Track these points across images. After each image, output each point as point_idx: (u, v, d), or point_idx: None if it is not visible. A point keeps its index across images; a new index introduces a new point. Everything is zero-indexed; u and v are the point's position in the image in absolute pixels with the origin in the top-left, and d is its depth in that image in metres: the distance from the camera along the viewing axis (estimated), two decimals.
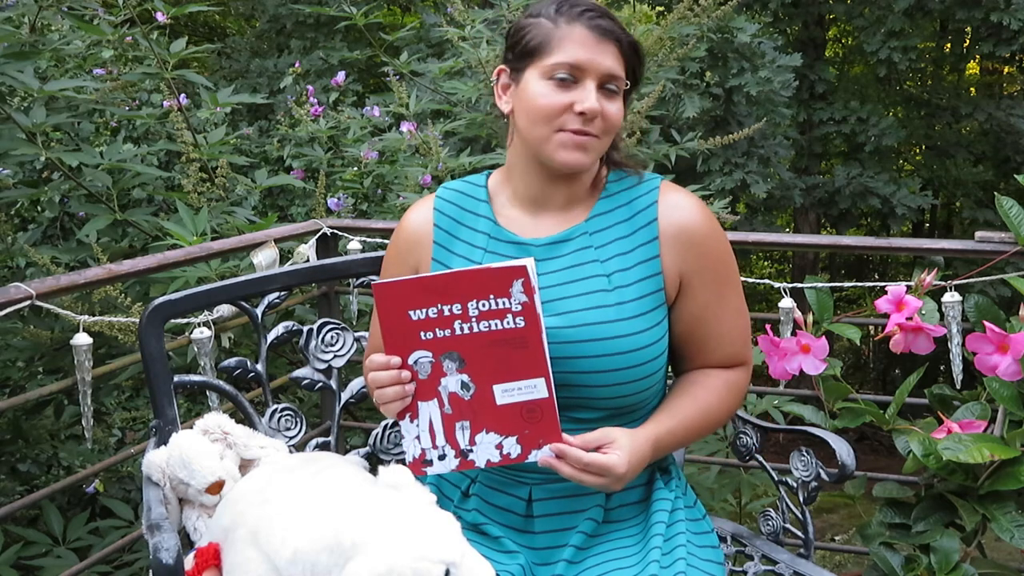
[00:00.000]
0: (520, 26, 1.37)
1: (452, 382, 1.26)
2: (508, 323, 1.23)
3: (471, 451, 1.26)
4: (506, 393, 1.24)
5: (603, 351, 1.31)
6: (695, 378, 1.42)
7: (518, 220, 1.42)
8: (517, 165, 1.42)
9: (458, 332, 1.24)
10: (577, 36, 1.31)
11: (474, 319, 1.23)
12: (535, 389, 1.23)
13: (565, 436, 1.24)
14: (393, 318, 1.25)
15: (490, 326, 1.23)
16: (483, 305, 1.23)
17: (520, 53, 1.35)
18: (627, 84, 1.35)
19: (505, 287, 1.22)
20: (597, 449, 1.25)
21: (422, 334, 1.25)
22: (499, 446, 1.25)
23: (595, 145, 1.33)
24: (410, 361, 1.26)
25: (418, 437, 1.28)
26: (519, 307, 1.22)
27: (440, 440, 1.27)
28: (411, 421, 1.28)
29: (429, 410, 1.27)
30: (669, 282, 1.37)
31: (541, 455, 1.24)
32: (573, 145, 1.32)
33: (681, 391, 1.41)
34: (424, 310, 1.24)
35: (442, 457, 1.27)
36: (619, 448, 1.24)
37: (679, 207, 1.39)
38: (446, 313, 1.24)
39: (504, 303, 1.22)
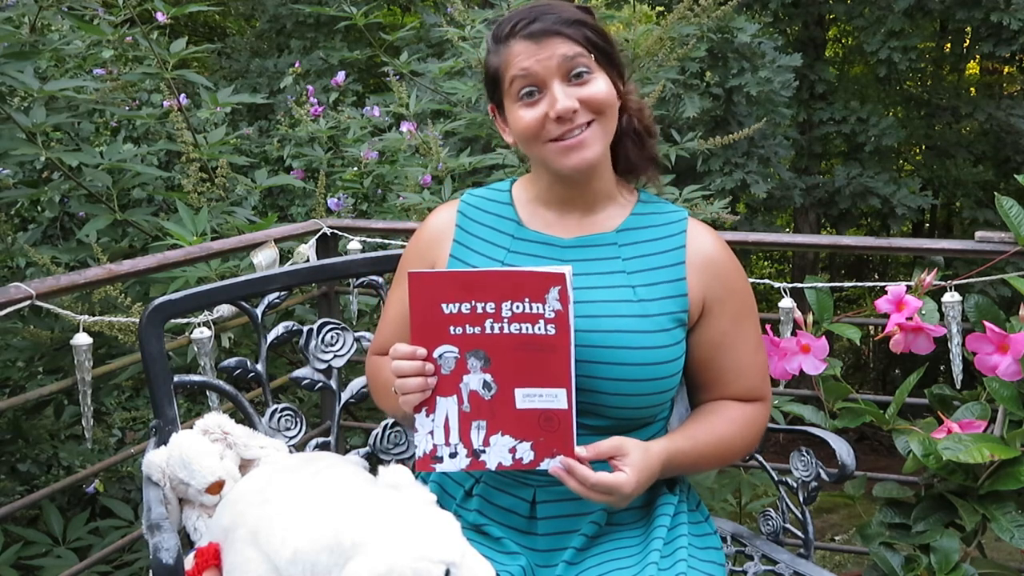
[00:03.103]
0: (483, 64, 1.41)
1: (474, 380, 1.24)
2: (539, 329, 1.22)
3: (484, 452, 1.25)
4: (527, 398, 1.23)
5: (621, 359, 1.30)
6: (713, 407, 1.42)
7: (544, 219, 1.42)
8: (538, 172, 1.43)
9: (488, 331, 1.23)
10: (518, 50, 1.31)
11: (506, 320, 1.23)
12: (556, 399, 1.23)
13: (577, 450, 1.23)
14: (425, 309, 1.24)
15: (521, 329, 1.22)
16: (517, 307, 1.22)
17: (491, 88, 1.39)
18: (592, 54, 1.32)
19: (541, 292, 1.22)
20: (609, 459, 1.24)
21: (451, 329, 1.24)
22: (512, 450, 1.24)
23: (593, 133, 1.32)
24: (435, 354, 1.25)
25: (431, 432, 1.26)
26: (552, 314, 1.22)
27: (454, 438, 1.25)
28: (427, 415, 1.26)
29: (447, 406, 1.25)
30: (693, 304, 1.37)
31: (553, 464, 1.24)
32: (568, 149, 1.32)
33: (698, 418, 1.41)
34: (457, 305, 1.23)
35: (453, 455, 1.26)
36: (629, 464, 1.23)
37: (706, 240, 1.41)
38: (479, 311, 1.23)
39: (538, 308, 1.22)
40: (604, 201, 1.41)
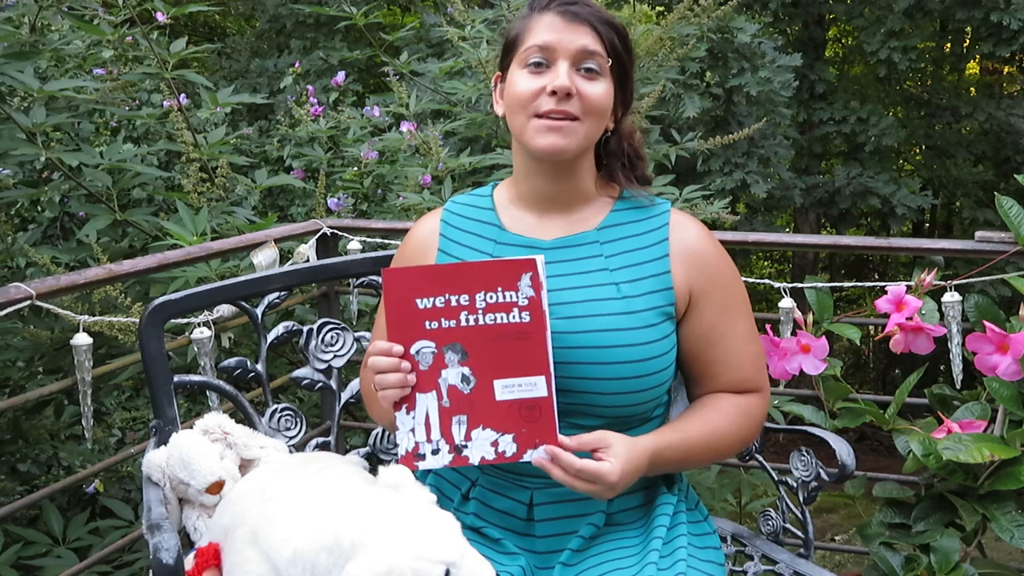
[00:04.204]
0: (506, 27, 1.41)
1: (453, 375, 1.25)
2: (514, 317, 1.23)
3: (466, 447, 1.25)
4: (506, 389, 1.23)
5: (609, 358, 1.30)
6: (706, 400, 1.41)
7: (524, 221, 1.43)
8: (519, 167, 1.43)
9: (463, 324, 1.24)
10: (547, 21, 1.34)
11: (480, 311, 1.23)
12: (535, 387, 1.23)
13: (561, 438, 1.23)
14: (399, 305, 1.25)
15: (496, 319, 1.23)
16: (490, 297, 1.23)
17: (504, 50, 1.40)
18: (609, 60, 1.34)
19: (513, 280, 1.22)
20: (593, 452, 1.24)
21: (427, 323, 1.24)
22: (495, 443, 1.24)
23: (575, 128, 1.32)
24: (412, 351, 1.25)
25: (413, 429, 1.26)
26: (526, 301, 1.22)
27: (435, 434, 1.26)
28: (407, 413, 1.26)
29: (427, 402, 1.26)
30: (680, 297, 1.37)
31: (536, 455, 1.23)
32: (547, 128, 1.32)
33: (690, 412, 1.41)
34: (431, 299, 1.24)
35: (436, 452, 1.26)
36: (614, 455, 1.22)
37: (690, 230, 1.41)
38: (453, 304, 1.24)
39: (511, 296, 1.23)
40: (584, 200, 1.42)
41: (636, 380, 1.31)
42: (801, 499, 1.61)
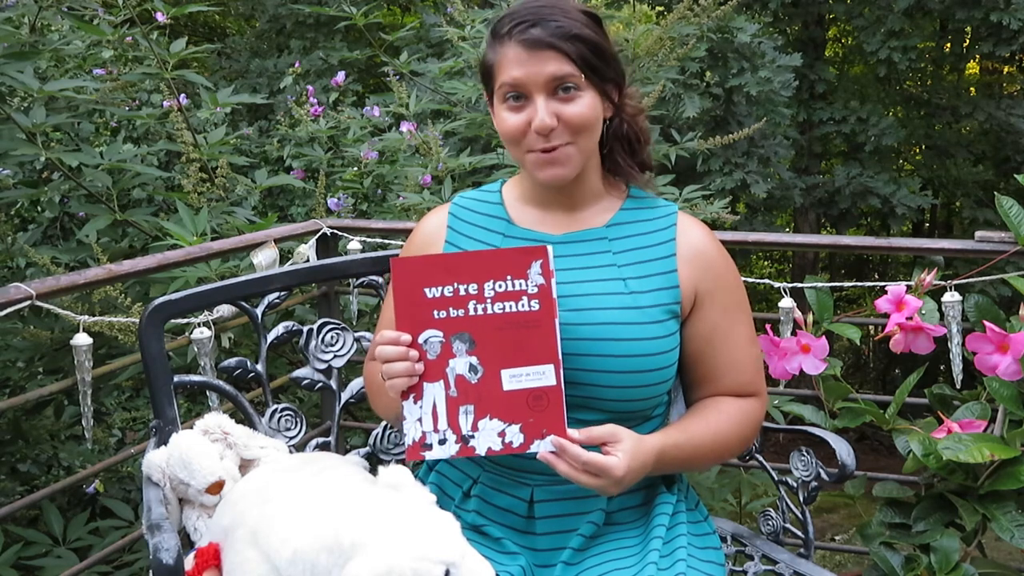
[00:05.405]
0: (481, 54, 1.41)
1: (460, 364, 1.24)
2: (523, 306, 1.23)
3: (472, 437, 1.25)
4: (514, 379, 1.23)
5: (614, 351, 1.31)
6: (708, 403, 1.42)
7: (533, 216, 1.43)
8: (525, 172, 1.44)
9: (472, 313, 1.24)
10: (511, 55, 1.31)
11: (489, 300, 1.23)
12: (544, 376, 1.23)
13: (570, 432, 1.22)
14: (408, 295, 1.25)
15: (504, 308, 1.23)
16: (499, 286, 1.23)
17: (482, 77, 1.41)
18: (582, 74, 1.30)
19: (523, 268, 1.23)
20: (602, 446, 1.24)
21: (435, 313, 1.24)
22: (502, 434, 1.24)
23: (569, 153, 1.33)
24: (420, 340, 1.25)
25: (420, 419, 1.26)
26: (535, 289, 1.23)
27: (442, 424, 1.25)
28: (414, 402, 1.26)
29: (434, 392, 1.25)
30: (685, 296, 1.38)
31: (543, 446, 1.22)
32: (544, 163, 1.33)
33: (693, 413, 1.42)
34: (440, 288, 1.24)
35: (442, 441, 1.25)
36: (621, 450, 1.23)
37: (696, 233, 1.42)
38: (462, 293, 1.24)
39: (521, 284, 1.23)
40: (592, 200, 1.42)
41: (640, 375, 1.32)
42: (801, 499, 1.61)
